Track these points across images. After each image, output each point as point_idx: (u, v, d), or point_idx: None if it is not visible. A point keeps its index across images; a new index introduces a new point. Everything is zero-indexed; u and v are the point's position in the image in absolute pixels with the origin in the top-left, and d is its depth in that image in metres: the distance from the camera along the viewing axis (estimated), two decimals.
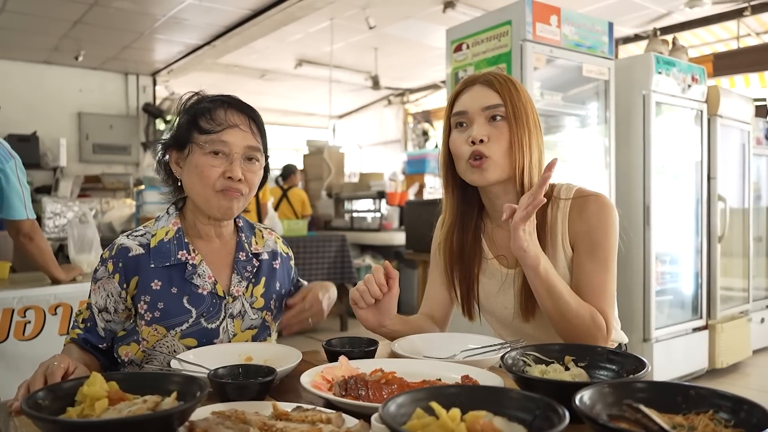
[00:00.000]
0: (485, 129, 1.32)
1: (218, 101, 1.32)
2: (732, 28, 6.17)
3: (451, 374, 1.03)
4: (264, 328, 1.39)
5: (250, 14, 5.65)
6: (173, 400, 0.81)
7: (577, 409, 0.70)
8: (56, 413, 0.80)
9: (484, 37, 3.20)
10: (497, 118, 1.32)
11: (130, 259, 1.29)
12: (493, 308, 1.44)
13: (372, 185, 7.04)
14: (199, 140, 1.28)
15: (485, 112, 1.33)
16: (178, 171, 1.33)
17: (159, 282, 1.29)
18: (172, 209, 1.38)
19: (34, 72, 7.04)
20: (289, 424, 0.80)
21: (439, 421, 0.65)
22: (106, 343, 1.33)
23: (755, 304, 4.71)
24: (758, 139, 4.91)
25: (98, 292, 1.31)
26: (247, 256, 1.39)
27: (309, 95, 9.42)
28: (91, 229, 2.84)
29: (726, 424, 0.71)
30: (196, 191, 1.30)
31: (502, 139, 1.31)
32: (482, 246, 1.44)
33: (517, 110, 1.31)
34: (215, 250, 1.37)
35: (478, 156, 1.31)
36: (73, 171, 6.99)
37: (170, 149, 1.34)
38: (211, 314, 1.31)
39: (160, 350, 1.28)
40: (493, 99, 1.33)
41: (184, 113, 1.33)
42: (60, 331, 2.43)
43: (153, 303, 1.28)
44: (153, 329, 1.28)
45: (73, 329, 1.34)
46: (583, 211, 1.31)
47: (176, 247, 1.31)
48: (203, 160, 1.27)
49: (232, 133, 1.28)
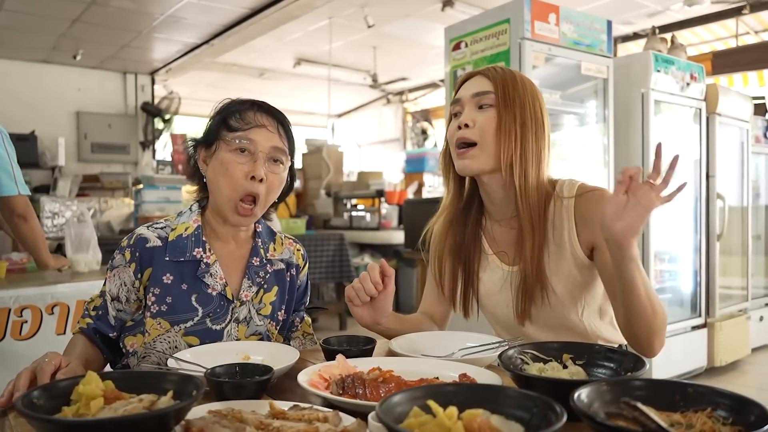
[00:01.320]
0: (472, 114, 1.31)
1: (248, 103, 1.35)
2: (731, 27, 6.17)
3: (449, 372, 1.03)
4: (266, 337, 1.38)
5: (249, 13, 5.64)
6: (169, 399, 0.81)
7: (574, 407, 0.70)
8: (51, 412, 0.80)
9: (483, 36, 3.20)
10: (484, 106, 1.31)
11: (146, 250, 1.31)
12: (494, 306, 1.42)
13: (371, 184, 7.03)
14: (226, 137, 1.30)
15: (474, 99, 1.32)
16: (204, 168, 1.35)
17: (171, 276, 1.30)
18: (195, 206, 1.39)
19: (32, 71, 7.03)
20: (286, 423, 0.80)
21: (436, 419, 0.65)
22: (116, 333, 1.34)
23: (754, 302, 4.71)
24: (757, 137, 4.91)
25: (113, 280, 1.32)
26: (261, 261, 1.39)
27: (308, 94, 9.41)
28: (89, 228, 2.83)
29: (724, 421, 0.71)
30: (219, 187, 1.30)
31: (487, 125, 1.29)
32: (482, 242, 1.42)
33: (509, 98, 1.30)
34: (230, 253, 1.37)
35: (464, 143, 1.30)
36: (71, 170, 6.97)
37: (200, 146, 1.36)
38: (217, 315, 1.31)
39: (161, 344, 1.28)
40: (484, 86, 1.32)
41: (215, 114, 1.35)
42: (57, 331, 2.43)
43: (161, 296, 1.29)
44: (157, 322, 1.28)
45: (84, 318, 1.34)
46: (591, 207, 1.28)
47: (193, 244, 1.32)
48: (229, 157, 1.28)
49: (259, 132, 1.30)
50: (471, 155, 1.30)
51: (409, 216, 4.99)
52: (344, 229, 6.55)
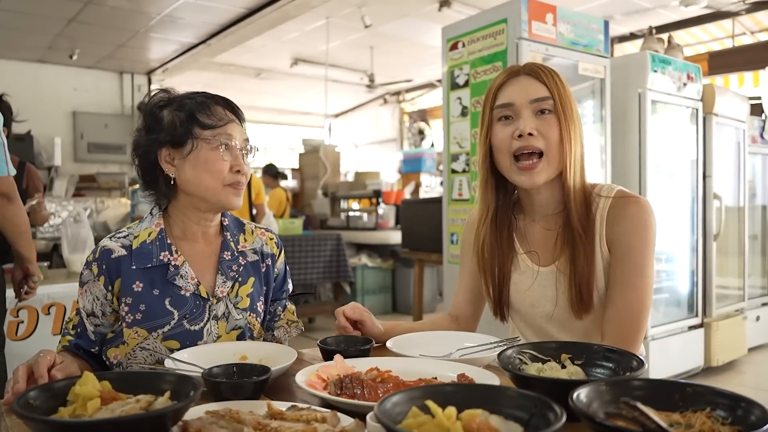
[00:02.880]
0: (533, 122, 1.26)
1: (211, 97, 1.32)
2: (727, 27, 6.18)
3: (448, 373, 1.03)
4: (248, 329, 1.37)
5: (246, 13, 5.63)
6: (166, 399, 0.80)
7: (573, 407, 0.70)
8: (48, 413, 0.79)
9: (480, 36, 3.20)
10: (546, 112, 1.27)
11: (112, 261, 1.28)
12: (519, 305, 1.39)
13: (368, 184, 7.03)
14: (204, 135, 1.27)
15: (533, 104, 1.27)
16: (171, 169, 1.29)
17: (141, 284, 1.27)
18: (155, 210, 1.36)
19: (29, 71, 7.01)
20: (284, 424, 0.79)
21: (435, 419, 0.64)
22: (98, 347, 1.32)
23: (751, 302, 4.72)
24: (753, 137, 4.92)
25: (85, 296, 1.30)
26: (232, 254, 1.38)
27: (305, 94, 9.41)
28: (85, 228, 2.83)
29: (723, 421, 0.71)
30: (204, 185, 1.28)
31: (551, 132, 1.26)
32: (514, 241, 1.40)
33: (565, 103, 1.27)
34: (199, 251, 1.35)
35: (529, 152, 1.26)
36: (68, 170, 6.96)
37: (161, 147, 1.29)
38: (194, 316, 1.29)
39: (141, 353, 1.26)
40: (541, 91, 1.27)
41: (175, 110, 1.29)
42: (53, 331, 2.42)
43: (135, 305, 1.26)
44: (134, 331, 1.26)
45: (64, 336, 1.33)
46: (622, 214, 1.26)
47: (158, 249, 1.30)
48: (213, 155, 1.27)
49: (233, 127, 1.31)
50: (540, 169, 1.26)
51: (406, 216, 4.99)
52: (341, 230, 6.54)
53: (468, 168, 3.30)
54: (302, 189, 8.15)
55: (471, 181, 3.28)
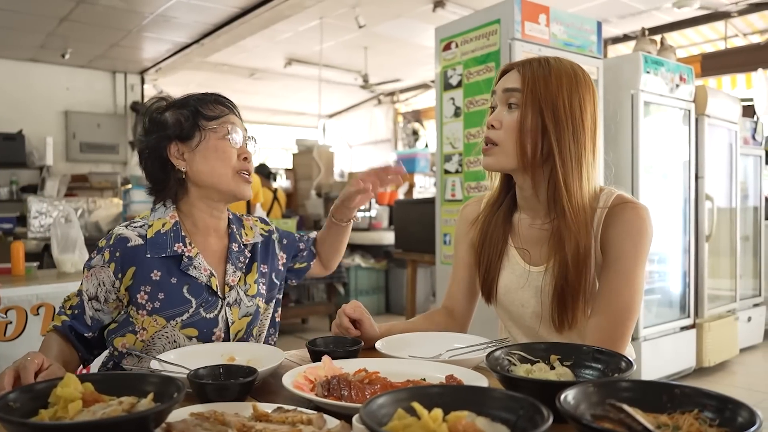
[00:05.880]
0: (500, 114, 1.27)
1: (209, 95, 1.39)
2: (720, 29, 6.21)
3: (436, 374, 1.02)
4: (257, 314, 1.41)
5: (239, 12, 5.62)
6: (150, 401, 0.79)
7: (561, 408, 0.69)
8: (28, 415, 0.78)
9: (473, 36, 3.20)
10: (512, 105, 1.26)
11: (128, 249, 1.30)
12: (509, 304, 1.38)
13: None
14: (210, 125, 1.33)
15: (505, 94, 1.28)
16: (182, 164, 1.34)
17: (158, 272, 1.30)
18: (168, 202, 1.39)
19: (21, 70, 6.97)
20: (269, 426, 0.78)
21: (421, 421, 0.64)
22: (92, 333, 1.33)
23: (742, 303, 4.74)
24: (745, 138, 4.94)
25: (90, 280, 1.31)
26: (239, 247, 1.43)
27: (298, 94, 9.39)
28: (75, 228, 2.81)
29: (711, 423, 0.71)
30: (218, 174, 1.33)
31: (511, 126, 1.25)
32: (508, 235, 1.39)
33: (538, 97, 1.22)
34: (211, 244, 1.40)
35: (487, 142, 1.30)
36: (59, 170, 6.92)
37: (170, 143, 1.33)
38: (209, 303, 1.33)
39: (160, 341, 1.29)
40: (514, 82, 1.26)
41: (178, 110, 1.35)
42: (42, 332, 2.40)
43: (153, 293, 1.29)
44: (153, 320, 1.28)
45: (59, 315, 1.34)
46: (618, 219, 1.24)
47: (173, 240, 1.33)
48: (222, 143, 1.33)
49: (234, 118, 1.38)
50: (490, 153, 1.29)
51: (400, 217, 4.99)
52: None
53: (461, 168, 3.29)
54: (296, 189, 8.13)
55: (464, 181, 3.27)
